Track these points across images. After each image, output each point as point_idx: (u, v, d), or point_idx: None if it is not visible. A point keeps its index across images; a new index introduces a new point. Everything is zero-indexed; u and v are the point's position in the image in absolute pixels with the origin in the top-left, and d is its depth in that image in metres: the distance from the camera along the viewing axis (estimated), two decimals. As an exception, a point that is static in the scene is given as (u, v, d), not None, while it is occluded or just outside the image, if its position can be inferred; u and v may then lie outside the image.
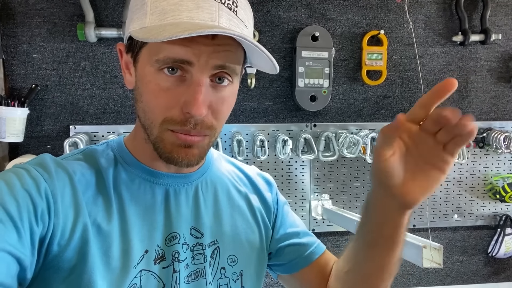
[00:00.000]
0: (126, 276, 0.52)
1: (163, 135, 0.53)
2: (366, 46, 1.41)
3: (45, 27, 1.27)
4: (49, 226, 0.48)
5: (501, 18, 1.49)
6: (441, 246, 0.70)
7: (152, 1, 0.51)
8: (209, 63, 0.50)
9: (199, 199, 0.63)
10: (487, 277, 1.61)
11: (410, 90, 1.48)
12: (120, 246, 0.53)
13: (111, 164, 0.59)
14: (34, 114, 1.29)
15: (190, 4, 0.49)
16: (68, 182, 0.52)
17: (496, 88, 1.52)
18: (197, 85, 0.50)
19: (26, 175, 0.49)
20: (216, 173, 0.68)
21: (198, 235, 0.60)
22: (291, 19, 1.38)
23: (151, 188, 0.59)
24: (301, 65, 1.36)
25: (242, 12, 0.53)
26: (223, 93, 0.54)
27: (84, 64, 1.30)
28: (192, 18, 0.49)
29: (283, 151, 1.33)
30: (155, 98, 0.52)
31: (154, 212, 0.58)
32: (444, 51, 1.48)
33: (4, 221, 0.44)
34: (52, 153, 0.56)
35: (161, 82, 0.51)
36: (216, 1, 0.50)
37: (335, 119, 1.45)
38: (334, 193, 1.46)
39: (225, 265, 0.62)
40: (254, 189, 0.72)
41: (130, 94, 1.33)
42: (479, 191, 1.54)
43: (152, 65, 0.51)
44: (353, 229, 1.11)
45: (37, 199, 0.48)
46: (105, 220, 0.53)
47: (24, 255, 0.44)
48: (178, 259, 0.57)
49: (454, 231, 1.56)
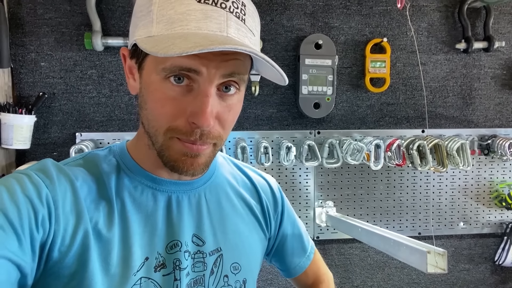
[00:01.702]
0: (125, 283, 0.51)
1: (169, 142, 0.52)
2: (369, 53, 1.42)
3: (53, 36, 1.29)
4: (49, 232, 0.48)
5: (504, 26, 1.50)
6: (445, 251, 0.70)
7: (159, 8, 0.49)
8: (218, 73, 0.49)
9: (202, 206, 0.62)
10: (494, 286, 1.59)
11: (414, 97, 1.48)
12: (120, 253, 0.52)
13: (113, 170, 0.58)
14: (41, 121, 1.31)
15: (198, 13, 0.48)
16: (69, 187, 0.52)
17: (501, 95, 1.52)
18: (205, 95, 0.49)
19: (27, 181, 0.49)
20: (220, 179, 0.68)
21: (199, 242, 0.60)
22: (294, 28, 1.40)
23: (153, 195, 0.58)
24: (305, 73, 1.37)
25: (250, 19, 0.52)
26: (230, 101, 0.53)
27: (90, 72, 1.32)
28: (200, 29, 0.47)
29: (287, 158, 1.33)
30: (160, 106, 0.51)
31: (156, 219, 0.57)
32: (448, 59, 1.48)
33: (5, 228, 0.43)
34: (57, 159, 0.56)
35: (167, 91, 0.50)
36: (224, 10, 0.49)
37: (339, 126, 1.46)
38: (339, 200, 1.46)
39: (228, 273, 0.61)
40: (259, 196, 0.72)
41: (135, 102, 1.35)
42: (485, 199, 1.53)
43: (158, 74, 0.50)
44: (358, 236, 1.11)
45: (38, 205, 0.47)
46: (105, 226, 0.52)
47: (24, 262, 0.44)
48: (180, 267, 0.56)
49: (460, 239, 1.55)
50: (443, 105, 1.49)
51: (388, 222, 1.49)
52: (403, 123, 1.48)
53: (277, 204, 0.75)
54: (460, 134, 1.49)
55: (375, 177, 1.47)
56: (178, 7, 0.48)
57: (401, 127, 1.48)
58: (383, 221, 1.48)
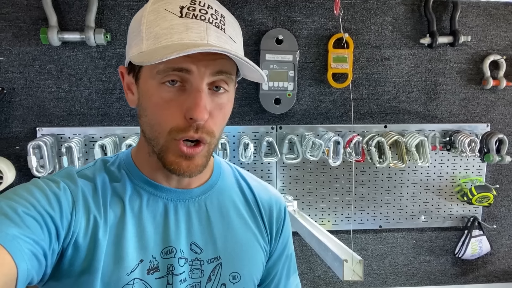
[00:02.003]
0: (117, 282, 0.56)
1: (169, 144, 0.56)
2: (332, 48, 1.41)
3: (10, 31, 1.29)
4: (69, 228, 0.54)
5: (472, 19, 1.47)
6: (361, 260, 0.72)
7: (147, 27, 0.55)
8: (207, 70, 0.54)
9: (202, 215, 0.65)
10: (455, 278, 1.63)
11: (377, 93, 1.48)
12: (115, 253, 0.57)
13: (117, 175, 0.63)
14: (2, 116, 1.32)
15: (181, 27, 0.54)
16: (80, 193, 0.58)
17: (466, 90, 1.51)
18: (197, 91, 0.54)
19: (53, 184, 0.56)
20: (224, 188, 0.70)
21: (197, 250, 0.63)
22: (256, 22, 1.38)
23: (153, 201, 0.62)
24: (265, 68, 1.36)
25: (230, 29, 0.58)
26: (221, 100, 0.57)
27: (49, 67, 1.32)
28: (182, 40, 0.53)
29: (245, 155, 1.35)
30: (159, 110, 0.55)
31: (153, 225, 0.61)
32: (412, 53, 1.47)
33: (40, 222, 0.50)
34: (19, 154, 0.62)
35: (163, 94, 0.55)
36: (204, 22, 0.55)
37: (302, 121, 1.46)
38: (300, 194, 1.48)
39: (226, 282, 0.64)
40: (260, 209, 0.72)
41: (95, 97, 1.35)
42: (447, 193, 1.55)
43: (154, 78, 0.55)
44: (303, 235, 1.14)
45: (64, 203, 0.55)
46: (103, 227, 0.57)
47: (47, 253, 0.51)
48: (173, 272, 0.60)
49: (421, 232, 1.58)
50: (406, 100, 1.49)
51: (349, 215, 1.51)
52: (366, 118, 1.49)
53: (279, 220, 0.75)
54: (423, 129, 1.49)
55: (337, 171, 1.49)
56: (162, 24, 0.54)
57: (364, 122, 1.49)
58: (344, 214, 1.51)
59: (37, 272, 0.49)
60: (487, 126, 1.52)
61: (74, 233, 0.55)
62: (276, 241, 0.74)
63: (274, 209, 0.74)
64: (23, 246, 0.46)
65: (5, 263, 0.43)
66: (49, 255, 0.51)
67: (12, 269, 0.44)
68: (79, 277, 0.55)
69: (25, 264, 0.45)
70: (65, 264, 0.55)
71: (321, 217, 1.51)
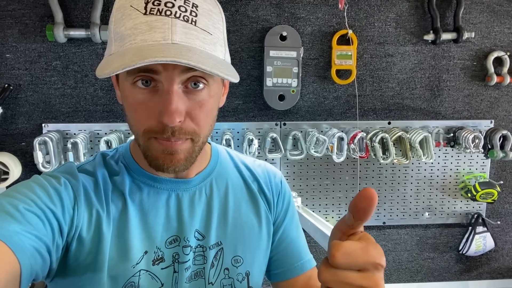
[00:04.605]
0: (124, 275, 0.56)
1: (148, 143, 0.55)
2: (335, 45, 1.41)
3: (16, 28, 1.30)
4: (72, 222, 0.55)
5: (475, 16, 1.48)
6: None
7: (114, 27, 0.53)
8: (176, 69, 0.50)
9: (203, 202, 0.66)
10: (459, 274, 1.63)
11: (381, 89, 1.48)
12: (120, 246, 0.57)
13: (116, 169, 0.64)
14: (8, 112, 1.33)
15: (144, 26, 0.50)
16: (81, 188, 0.58)
17: (470, 87, 1.51)
18: (167, 93, 0.51)
19: (53, 180, 0.56)
20: (222, 174, 0.70)
21: (200, 237, 0.64)
22: (260, 18, 1.39)
23: (154, 192, 0.63)
24: (269, 65, 1.37)
25: (204, 19, 0.53)
26: (200, 97, 0.54)
27: (55, 63, 1.33)
28: (146, 41, 0.50)
29: (249, 151, 1.35)
30: (134, 111, 0.54)
31: (156, 216, 0.61)
32: (416, 50, 1.47)
33: (42, 218, 0.50)
34: (25, 150, 0.63)
35: (137, 96, 0.53)
36: (169, 17, 0.50)
37: (306, 118, 1.47)
38: (304, 191, 1.49)
39: (229, 266, 0.65)
40: (260, 188, 0.73)
41: (101, 93, 1.36)
42: (451, 190, 1.55)
43: (126, 79, 0.53)
44: (307, 229, 1.14)
45: (65, 198, 0.55)
46: (106, 221, 0.58)
47: (51, 248, 0.51)
48: (178, 261, 0.61)
49: (425, 228, 1.58)
50: (410, 96, 1.49)
51: (353, 212, 1.51)
52: (369, 114, 1.49)
53: (280, 196, 0.75)
54: (427, 126, 1.49)
55: (341, 168, 1.49)
56: (127, 23, 0.51)
57: (368, 118, 1.49)
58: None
59: (42, 268, 0.49)
60: (491, 122, 1.52)
61: (78, 227, 0.55)
62: (277, 205, 0.74)
63: (272, 178, 0.75)
64: (25, 242, 0.45)
65: (7, 260, 0.43)
66: (53, 251, 0.51)
67: (15, 266, 0.43)
68: (86, 272, 0.55)
69: (28, 260, 0.45)
70: (71, 259, 0.55)
71: (325, 213, 1.51)
